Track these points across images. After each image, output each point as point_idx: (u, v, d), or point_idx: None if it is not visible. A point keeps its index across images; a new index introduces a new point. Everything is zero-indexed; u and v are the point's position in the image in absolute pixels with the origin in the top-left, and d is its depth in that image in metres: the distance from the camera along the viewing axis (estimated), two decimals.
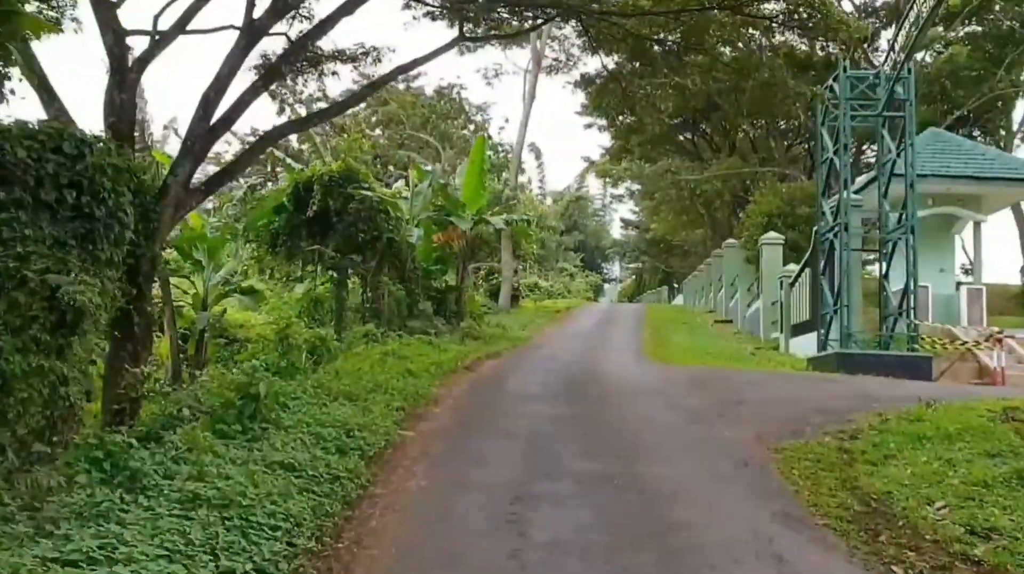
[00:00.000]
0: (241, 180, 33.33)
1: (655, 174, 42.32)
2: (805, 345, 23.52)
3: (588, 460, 8.71)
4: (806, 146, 45.66)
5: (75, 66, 45.67)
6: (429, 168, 29.12)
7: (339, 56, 18.16)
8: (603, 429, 10.58)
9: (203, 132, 12.81)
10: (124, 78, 12.24)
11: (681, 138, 49.68)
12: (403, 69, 15.98)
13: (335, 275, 22.72)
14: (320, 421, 8.68)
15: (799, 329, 24.43)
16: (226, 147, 35.84)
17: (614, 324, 33.46)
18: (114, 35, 12.20)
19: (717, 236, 61.36)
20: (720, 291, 40.23)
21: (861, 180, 25.58)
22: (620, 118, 46.68)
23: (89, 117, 21.62)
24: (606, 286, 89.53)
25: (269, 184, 29.04)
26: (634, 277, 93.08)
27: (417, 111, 41.88)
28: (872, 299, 23.25)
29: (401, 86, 47.25)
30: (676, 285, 77.82)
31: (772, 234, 28.20)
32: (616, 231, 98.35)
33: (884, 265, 21.24)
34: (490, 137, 44.12)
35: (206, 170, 22.31)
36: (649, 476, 8.23)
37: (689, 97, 41.33)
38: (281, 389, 9.70)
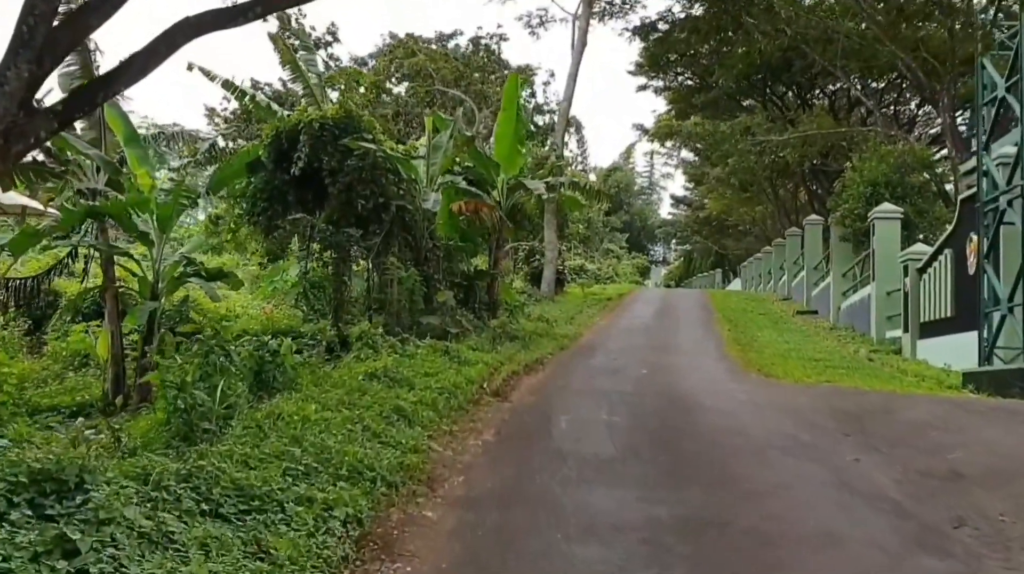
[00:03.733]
0: (208, 129, 28.44)
1: (732, 131, 36.21)
2: (942, 350, 17.89)
3: None
4: (903, 108, 39.50)
5: None
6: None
7: None
8: None
9: (49, 10, 7.59)
10: None
11: (749, 101, 43.63)
12: None
13: (333, 254, 17.55)
14: None
15: (933, 329, 18.74)
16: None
17: (678, 315, 27.88)
18: None
19: (781, 214, 55.38)
20: (797, 275, 34.49)
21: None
22: (681, 76, 41.10)
23: None
24: (652, 268, 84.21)
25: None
26: (682, 259, 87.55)
27: (449, 64, 36.19)
28: None
29: (434, 46, 41.72)
30: (729, 268, 72.03)
31: (887, 206, 22.38)
32: (665, 211, 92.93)
33: None
34: (533, 94, 38.46)
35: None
36: None
37: (763, 51, 35.62)
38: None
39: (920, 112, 40.54)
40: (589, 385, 12.67)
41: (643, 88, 43.79)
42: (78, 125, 17.04)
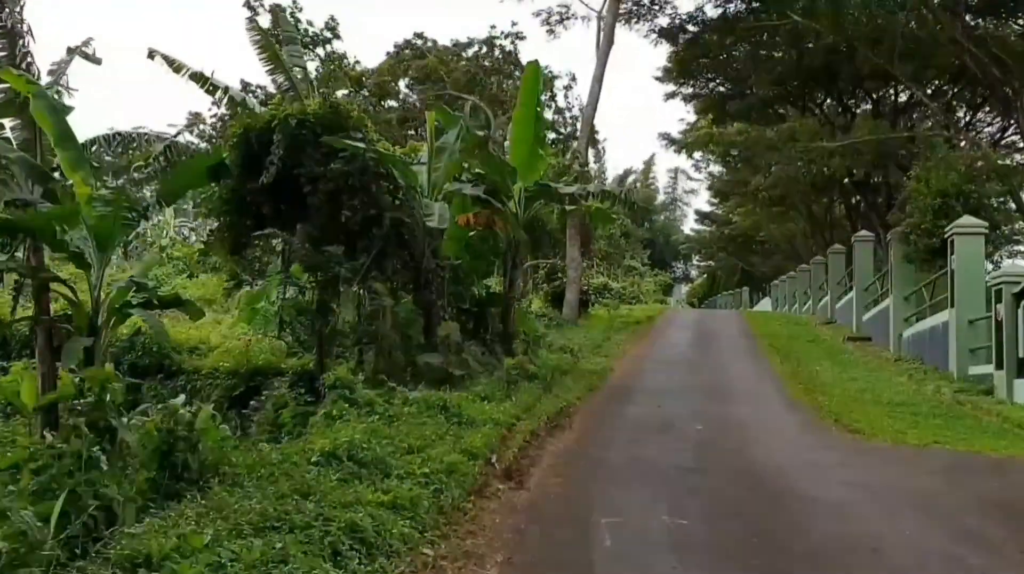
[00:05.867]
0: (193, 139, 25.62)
1: (779, 137, 32.87)
2: None
3: None
4: (952, 115, 36.24)
5: None
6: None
7: None
8: None
9: None
10: None
11: (783, 109, 40.45)
12: None
13: (314, 278, 14.59)
14: None
15: None
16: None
17: (718, 342, 24.76)
18: None
19: (815, 231, 52.13)
20: (844, 296, 31.28)
21: None
22: (712, 83, 38.18)
23: None
24: (674, 286, 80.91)
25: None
26: (706, 276, 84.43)
27: (461, 67, 33.18)
28: None
29: (450, 47, 38.59)
30: (755, 286, 68.85)
31: (969, 219, 19.12)
32: (688, 227, 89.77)
33: None
34: (553, 98, 35.31)
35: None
36: None
37: (806, 53, 32.71)
38: None
39: (972, 118, 37.43)
40: (634, 454, 9.58)
41: (672, 96, 40.72)
42: (7, 123, 14.21)
